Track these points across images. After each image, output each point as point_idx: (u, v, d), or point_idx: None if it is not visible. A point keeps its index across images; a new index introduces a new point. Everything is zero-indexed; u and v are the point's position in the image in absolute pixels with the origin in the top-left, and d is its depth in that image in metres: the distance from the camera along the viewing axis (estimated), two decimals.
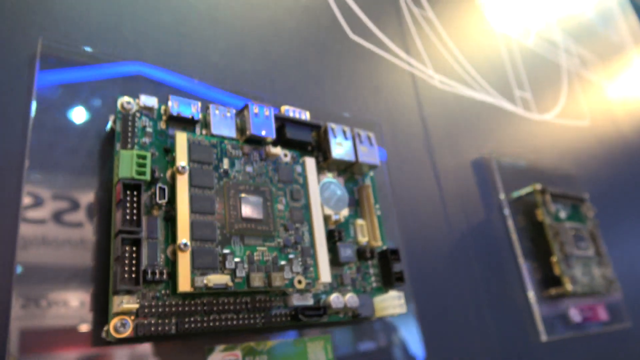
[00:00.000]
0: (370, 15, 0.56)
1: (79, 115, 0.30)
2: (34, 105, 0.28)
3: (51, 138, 0.29)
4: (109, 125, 0.30)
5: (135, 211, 0.26)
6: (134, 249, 0.26)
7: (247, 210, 0.30)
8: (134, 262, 0.25)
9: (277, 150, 0.34)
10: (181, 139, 0.30)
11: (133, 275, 0.25)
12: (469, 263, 0.50)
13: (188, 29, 0.39)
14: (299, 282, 0.31)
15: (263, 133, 0.33)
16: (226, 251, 0.29)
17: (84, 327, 0.26)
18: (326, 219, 0.35)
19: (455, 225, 0.51)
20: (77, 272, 0.27)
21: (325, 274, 0.32)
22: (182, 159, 0.29)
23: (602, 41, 1.05)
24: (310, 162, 0.35)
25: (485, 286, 0.50)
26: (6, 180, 0.27)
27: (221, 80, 0.38)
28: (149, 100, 0.30)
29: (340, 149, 0.37)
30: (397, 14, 0.60)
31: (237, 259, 0.29)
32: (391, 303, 0.34)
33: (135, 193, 0.27)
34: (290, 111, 0.36)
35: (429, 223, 0.48)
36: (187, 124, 0.32)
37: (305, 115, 0.37)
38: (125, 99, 0.30)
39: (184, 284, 0.26)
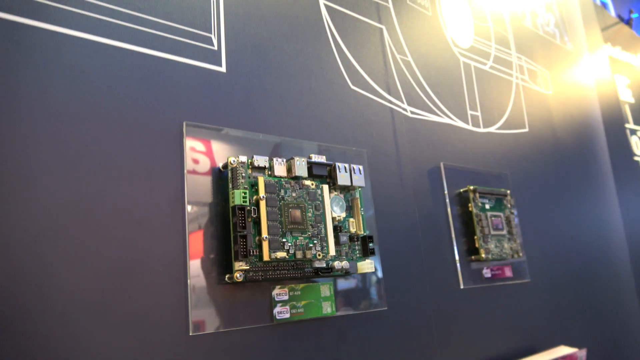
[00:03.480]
0: (365, 67, 0.81)
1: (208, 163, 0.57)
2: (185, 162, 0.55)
3: (197, 179, 0.56)
4: (221, 167, 0.58)
5: (242, 220, 0.54)
6: (243, 240, 0.54)
7: (293, 217, 0.59)
8: (243, 245, 0.53)
9: (308, 182, 0.61)
10: (260, 180, 0.57)
11: (244, 253, 0.53)
12: (418, 240, 0.79)
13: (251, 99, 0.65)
14: (319, 255, 0.59)
15: (301, 173, 0.60)
16: (284, 240, 0.57)
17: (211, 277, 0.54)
18: (333, 219, 0.64)
19: (412, 215, 0.80)
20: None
21: (332, 250, 0.61)
22: (262, 192, 0.57)
23: (553, 51, 1.30)
24: (325, 188, 0.63)
25: (426, 254, 0.80)
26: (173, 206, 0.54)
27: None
28: (242, 158, 0.57)
29: (342, 178, 0.65)
30: (384, 63, 0.85)
31: (289, 244, 0.57)
32: (366, 265, 0.64)
33: (242, 211, 0.54)
34: (314, 157, 0.63)
35: (394, 217, 0.77)
36: (260, 169, 0.59)
37: (322, 159, 0.64)
38: (231, 158, 0.57)
39: (266, 256, 0.55)
